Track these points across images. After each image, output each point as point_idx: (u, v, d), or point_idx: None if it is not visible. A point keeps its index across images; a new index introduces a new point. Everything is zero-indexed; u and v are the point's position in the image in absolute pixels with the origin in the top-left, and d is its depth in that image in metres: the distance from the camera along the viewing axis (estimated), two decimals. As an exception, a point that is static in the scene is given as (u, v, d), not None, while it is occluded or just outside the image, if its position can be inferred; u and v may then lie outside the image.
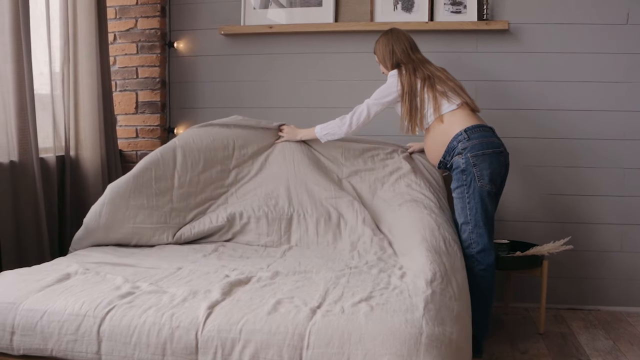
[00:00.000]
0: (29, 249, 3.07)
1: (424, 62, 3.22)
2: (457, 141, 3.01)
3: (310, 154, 3.50)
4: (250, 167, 3.45)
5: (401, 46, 3.24)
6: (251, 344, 1.89)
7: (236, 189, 3.37)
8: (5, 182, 2.97)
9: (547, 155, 3.86)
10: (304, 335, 1.88)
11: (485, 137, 3.00)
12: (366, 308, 2.01)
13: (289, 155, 3.45)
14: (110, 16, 4.08)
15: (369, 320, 1.91)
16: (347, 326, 1.89)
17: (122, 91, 4.14)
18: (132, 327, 1.98)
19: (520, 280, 3.92)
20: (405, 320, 1.91)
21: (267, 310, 1.99)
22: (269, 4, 4.03)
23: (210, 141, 3.36)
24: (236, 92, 4.16)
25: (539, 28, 3.81)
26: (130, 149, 4.17)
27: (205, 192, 3.29)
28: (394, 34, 3.29)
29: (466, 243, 3.00)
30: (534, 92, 3.85)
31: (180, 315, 1.99)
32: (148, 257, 2.75)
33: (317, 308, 2.02)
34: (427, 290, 2.17)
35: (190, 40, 4.17)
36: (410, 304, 2.06)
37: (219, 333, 1.92)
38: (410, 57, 3.23)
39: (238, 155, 3.43)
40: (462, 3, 3.82)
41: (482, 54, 3.88)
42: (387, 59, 3.27)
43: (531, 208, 3.91)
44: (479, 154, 2.95)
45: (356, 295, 2.16)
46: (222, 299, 2.12)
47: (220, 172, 3.37)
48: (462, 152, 2.98)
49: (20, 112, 3.02)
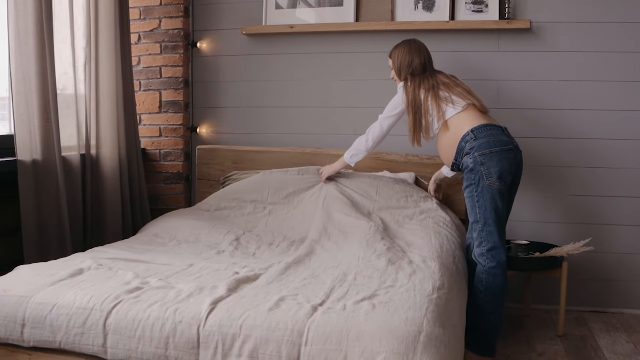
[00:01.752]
0: (51, 245, 3.14)
1: (435, 74, 3.25)
2: (465, 142, 3.03)
3: (344, 191, 3.55)
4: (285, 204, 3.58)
5: (421, 59, 3.26)
6: (251, 339, 1.91)
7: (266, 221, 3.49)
8: (29, 179, 3.04)
9: (569, 156, 3.81)
10: (302, 332, 1.89)
11: (493, 135, 3.00)
12: (368, 306, 2.02)
13: (322, 193, 3.55)
14: (135, 17, 4.15)
15: (369, 318, 1.92)
16: (346, 323, 1.90)
17: (147, 91, 4.21)
18: (137, 321, 2.02)
19: (541, 282, 3.87)
20: (405, 319, 1.92)
21: (269, 307, 2.01)
22: (297, 3, 4.05)
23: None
24: (258, 92, 4.20)
25: (561, 27, 3.76)
26: (154, 148, 4.23)
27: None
28: (417, 46, 3.30)
29: (477, 242, 3.00)
30: (557, 92, 3.80)
31: (184, 311, 2.02)
32: (163, 254, 2.79)
33: (320, 305, 2.04)
34: (433, 294, 2.19)
35: (213, 41, 4.22)
36: (414, 303, 2.06)
37: (220, 328, 1.95)
38: (425, 70, 3.25)
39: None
40: (483, 2, 3.80)
41: (504, 54, 3.85)
42: (404, 69, 3.27)
43: (552, 209, 3.86)
44: (487, 152, 2.95)
45: (361, 293, 2.17)
46: (228, 295, 2.15)
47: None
48: (470, 151, 2.99)
49: (43, 111, 3.08)
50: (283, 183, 3.65)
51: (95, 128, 3.59)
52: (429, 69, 3.27)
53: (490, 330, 3.00)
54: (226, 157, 4.12)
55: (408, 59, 3.26)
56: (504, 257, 2.98)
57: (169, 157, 4.23)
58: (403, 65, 3.27)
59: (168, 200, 4.24)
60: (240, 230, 3.27)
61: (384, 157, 3.87)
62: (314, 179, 3.66)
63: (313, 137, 4.11)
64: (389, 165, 3.88)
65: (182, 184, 4.25)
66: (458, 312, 2.40)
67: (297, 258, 2.72)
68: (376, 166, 3.90)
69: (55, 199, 3.15)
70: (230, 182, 3.98)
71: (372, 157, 3.78)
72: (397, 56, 3.31)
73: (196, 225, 3.29)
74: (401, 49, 3.31)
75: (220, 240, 3.11)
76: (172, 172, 4.24)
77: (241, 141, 4.24)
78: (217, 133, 4.28)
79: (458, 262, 2.95)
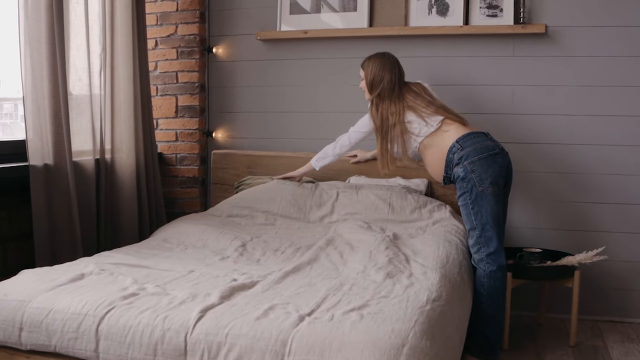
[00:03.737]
0: (62, 249, 3.19)
1: (404, 93, 3.26)
2: (452, 153, 3.08)
3: (356, 210, 3.57)
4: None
5: (392, 76, 3.26)
6: (236, 348, 1.92)
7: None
8: (40, 184, 3.10)
9: (585, 162, 3.75)
10: (286, 342, 1.89)
11: (478, 142, 3.04)
12: (356, 316, 2.01)
13: (335, 213, 3.61)
14: (152, 22, 4.20)
15: (354, 329, 1.91)
16: (329, 334, 1.89)
17: (163, 95, 4.26)
18: (128, 327, 2.05)
19: (557, 290, 3.81)
20: (391, 330, 1.90)
21: (256, 315, 2.02)
22: (321, 7, 4.05)
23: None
24: (273, 97, 4.22)
25: (577, 31, 3.70)
26: (170, 152, 4.28)
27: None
28: (390, 62, 3.30)
29: (475, 247, 3.04)
30: (573, 97, 3.74)
31: (173, 318, 2.04)
32: (166, 260, 2.82)
33: (307, 315, 2.04)
34: (426, 305, 2.17)
35: (229, 46, 4.25)
36: (404, 314, 2.04)
37: (206, 336, 1.96)
38: (393, 89, 3.25)
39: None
40: (498, 6, 3.75)
41: (519, 58, 3.80)
42: (375, 84, 3.28)
43: (566, 215, 3.80)
44: (475, 159, 2.99)
45: (352, 303, 2.16)
46: (219, 302, 2.16)
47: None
48: (460, 161, 3.03)
49: (54, 116, 3.14)
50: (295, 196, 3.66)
51: (110, 133, 3.64)
52: (398, 88, 3.26)
53: (492, 333, 3.03)
54: (240, 162, 4.15)
55: (380, 75, 3.25)
56: (504, 260, 3.01)
57: (185, 161, 4.27)
58: (375, 80, 3.27)
59: (184, 204, 4.28)
60: (248, 236, 3.28)
61: (396, 163, 3.84)
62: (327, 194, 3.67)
63: (327, 142, 4.06)
64: (401, 171, 3.86)
65: (197, 187, 4.29)
66: (456, 322, 2.38)
67: (298, 265, 2.72)
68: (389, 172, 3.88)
69: (67, 203, 3.20)
70: (244, 186, 4.00)
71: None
72: (370, 69, 3.31)
73: (205, 230, 3.31)
74: (374, 63, 3.30)
75: (227, 246, 3.12)
76: (187, 176, 4.28)
77: (256, 146, 4.26)
78: (232, 137, 4.31)
79: (464, 271, 2.93)
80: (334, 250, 3.02)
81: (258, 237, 3.30)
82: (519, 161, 3.79)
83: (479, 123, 3.70)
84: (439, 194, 3.81)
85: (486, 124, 3.76)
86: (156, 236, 3.34)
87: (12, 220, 3.17)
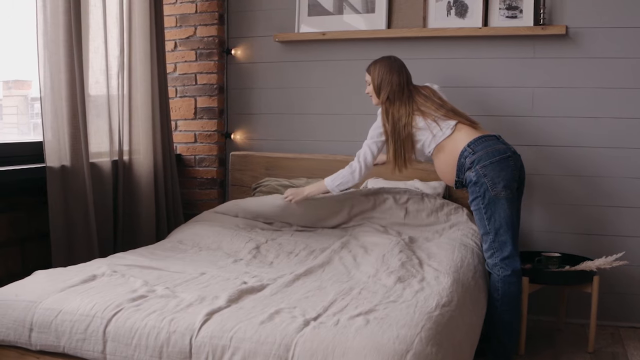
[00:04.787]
0: (78, 250, 3.21)
1: (414, 95, 3.21)
2: (464, 157, 3.03)
3: (372, 218, 3.55)
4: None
5: (400, 78, 3.21)
6: (239, 351, 1.92)
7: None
8: (57, 185, 3.13)
9: (607, 165, 3.68)
10: (289, 347, 1.88)
11: (490, 146, 3.00)
12: (362, 321, 2.00)
13: (352, 220, 3.58)
14: (172, 24, 4.23)
15: (358, 334, 1.90)
16: (333, 339, 1.88)
17: (182, 97, 4.28)
18: (134, 329, 2.06)
19: (577, 295, 3.75)
20: (396, 336, 1.88)
21: (261, 319, 2.01)
22: (343, 8, 4.04)
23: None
24: (291, 98, 4.22)
25: (599, 32, 3.63)
26: (189, 154, 4.30)
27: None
28: (397, 64, 3.26)
29: (489, 252, 3.00)
30: (594, 99, 3.67)
31: (179, 321, 2.05)
32: (179, 262, 2.83)
33: (313, 319, 2.03)
34: (434, 311, 2.15)
35: (248, 48, 4.26)
36: (411, 320, 2.02)
37: (211, 339, 1.96)
38: (403, 92, 3.20)
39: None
40: (518, 7, 3.70)
41: (539, 60, 3.74)
42: (383, 87, 3.23)
43: (586, 220, 3.73)
44: (487, 163, 2.95)
45: (359, 307, 2.15)
46: (226, 305, 2.16)
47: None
48: (471, 165, 2.99)
49: (72, 118, 3.17)
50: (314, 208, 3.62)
51: (128, 135, 3.67)
52: (407, 90, 3.22)
53: (507, 339, 3.00)
54: (258, 164, 4.16)
55: (388, 78, 3.21)
56: (519, 264, 2.97)
57: (204, 163, 4.29)
58: (383, 83, 3.22)
59: (202, 205, 4.29)
60: (263, 238, 3.27)
61: (414, 165, 3.82)
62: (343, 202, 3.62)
63: (345, 144, 4.09)
64: (419, 173, 3.84)
65: (216, 189, 4.30)
66: (466, 328, 2.36)
67: (310, 268, 2.71)
68: (407, 174, 3.86)
69: (83, 204, 3.23)
70: (261, 187, 4.00)
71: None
72: (376, 73, 3.26)
73: (220, 232, 3.32)
74: (381, 65, 3.26)
75: (241, 248, 3.13)
76: (206, 178, 4.30)
77: (274, 147, 4.26)
78: (250, 139, 4.32)
79: (479, 276, 2.91)
80: (347, 254, 3.00)
81: (273, 239, 3.30)
82: (538, 164, 3.74)
83: (498, 126, 3.67)
84: (457, 197, 3.78)
85: (505, 126, 3.73)
86: (171, 237, 3.36)
87: (30, 221, 3.20)
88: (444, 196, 3.76)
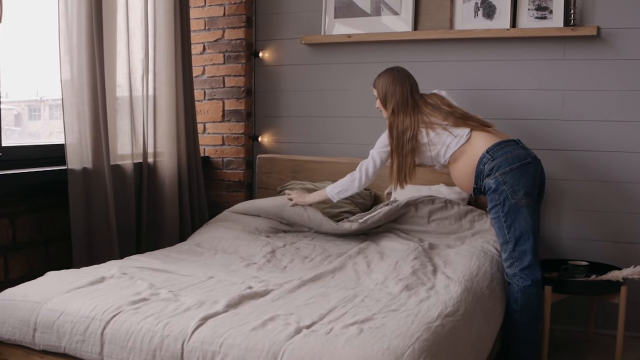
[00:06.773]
0: (99, 252, 3.26)
1: (420, 105, 3.14)
2: (483, 164, 2.95)
3: (394, 227, 3.51)
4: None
5: (402, 88, 3.15)
6: (228, 357, 1.91)
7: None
8: (78, 187, 3.18)
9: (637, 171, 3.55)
10: (277, 355, 1.87)
11: (509, 152, 2.91)
12: (355, 330, 1.96)
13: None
14: (200, 27, 4.26)
15: (347, 344, 1.87)
16: (321, 348, 1.85)
17: (210, 100, 4.31)
18: (130, 332, 2.08)
19: (606, 305, 3.62)
20: (387, 347, 1.85)
21: (253, 326, 2.00)
22: (381, 10, 4.00)
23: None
24: (319, 101, 4.19)
25: (631, 33, 3.49)
26: (217, 156, 4.33)
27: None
28: (401, 75, 3.20)
29: (508, 262, 2.91)
30: (626, 102, 3.54)
31: (173, 325, 2.05)
32: (191, 265, 2.84)
33: (306, 327, 2.00)
34: (435, 321, 2.10)
35: (275, 50, 4.26)
36: (407, 330, 1.98)
37: (201, 345, 1.96)
38: (407, 102, 3.13)
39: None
40: (547, 8, 3.60)
41: (569, 62, 3.63)
42: (387, 98, 3.18)
43: (615, 227, 3.60)
44: (507, 170, 2.86)
45: (357, 315, 2.11)
46: (224, 311, 2.16)
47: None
48: (490, 172, 2.91)
49: (94, 121, 3.22)
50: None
51: (152, 137, 3.71)
52: (412, 100, 3.15)
53: (526, 350, 2.93)
54: (285, 166, 4.15)
55: (391, 89, 3.16)
56: (539, 274, 2.88)
57: (231, 165, 4.31)
58: (387, 95, 3.18)
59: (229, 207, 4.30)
60: (281, 242, 3.27)
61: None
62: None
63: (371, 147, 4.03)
64: (445, 177, 3.77)
65: (243, 192, 4.31)
66: (472, 339, 2.29)
67: (319, 274, 2.69)
68: (432, 179, 3.81)
69: (104, 206, 3.27)
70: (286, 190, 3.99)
71: (428, 170, 3.68)
72: (380, 86, 3.22)
73: (238, 236, 3.33)
74: (384, 78, 3.22)
75: (256, 252, 3.12)
76: (233, 180, 4.31)
77: (301, 150, 4.25)
78: (277, 142, 4.31)
79: (496, 284, 2.84)
80: (363, 259, 2.97)
81: (292, 243, 3.29)
82: (567, 169, 3.63)
83: (526, 130, 3.59)
84: (482, 202, 3.69)
85: (534, 130, 3.64)
86: (190, 240, 3.38)
87: (55, 222, 3.26)
88: (469, 202, 3.68)
